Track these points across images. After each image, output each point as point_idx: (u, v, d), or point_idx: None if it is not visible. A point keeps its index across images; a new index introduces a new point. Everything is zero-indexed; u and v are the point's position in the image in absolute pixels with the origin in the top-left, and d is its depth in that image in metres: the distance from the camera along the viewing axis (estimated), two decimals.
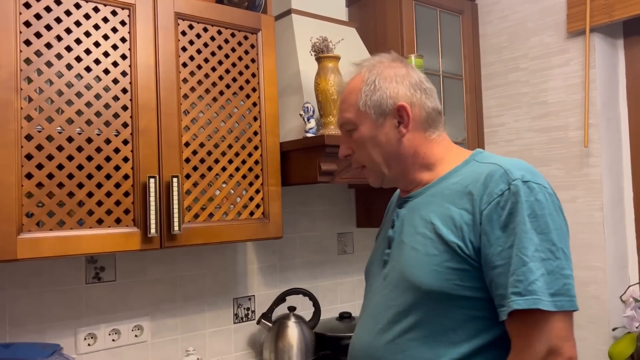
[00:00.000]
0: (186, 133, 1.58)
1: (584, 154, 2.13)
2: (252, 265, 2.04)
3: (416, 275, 1.00)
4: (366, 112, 1.09)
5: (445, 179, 1.08)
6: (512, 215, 0.93)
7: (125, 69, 1.48)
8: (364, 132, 1.10)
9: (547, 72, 2.26)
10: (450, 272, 0.97)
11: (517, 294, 0.89)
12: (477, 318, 0.97)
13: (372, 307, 1.10)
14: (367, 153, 1.11)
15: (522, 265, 0.90)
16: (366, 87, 1.10)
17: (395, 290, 1.04)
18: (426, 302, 0.99)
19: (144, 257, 1.78)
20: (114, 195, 1.44)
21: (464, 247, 0.96)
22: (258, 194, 1.72)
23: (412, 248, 1.03)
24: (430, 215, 1.04)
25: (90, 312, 1.67)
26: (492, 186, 0.96)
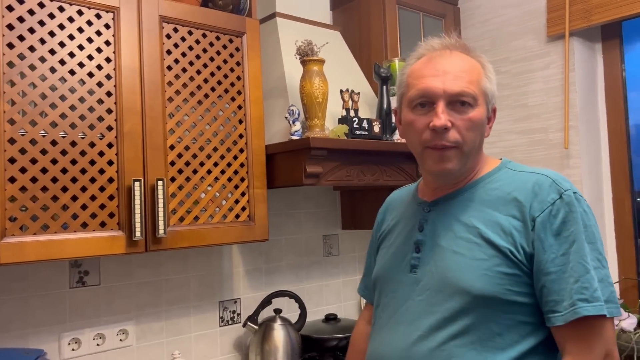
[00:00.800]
0: (171, 136, 1.58)
1: (565, 156, 2.17)
2: (237, 268, 2.04)
3: (465, 279, 0.98)
4: (487, 97, 1.05)
5: (478, 184, 1.07)
6: (565, 223, 0.95)
7: (109, 72, 1.47)
8: (482, 114, 1.04)
9: (528, 75, 2.30)
10: (501, 276, 0.96)
11: (584, 300, 0.91)
12: (522, 323, 0.97)
13: (405, 313, 1.05)
14: (474, 136, 1.03)
15: (586, 272, 0.92)
16: (489, 73, 1.06)
17: (437, 296, 1.01)
18: (476, 307, 0.97)
19: (129, 260, 1.77)
20: (99, 198, 1.43)
21: (516, 252, 0.96)
22: (244, 197, 1.72)
23: (456, 253, 1.01)
24: (471, 220, 1.02)
25: (74, 316, 1.66)
26: (543, 195, 0.97)
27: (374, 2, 2.21)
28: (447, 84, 1.01)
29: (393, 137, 1.97)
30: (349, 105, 1.89)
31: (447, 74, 1.02)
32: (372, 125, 1.90)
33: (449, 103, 1.01)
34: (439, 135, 1.01)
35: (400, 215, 1.20)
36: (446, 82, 1.01)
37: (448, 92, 1.01)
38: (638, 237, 2.16)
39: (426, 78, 1.03)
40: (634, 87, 2.20)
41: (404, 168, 2.00)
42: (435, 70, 1.03)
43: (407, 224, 1.15)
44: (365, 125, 1.88)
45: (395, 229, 1.20)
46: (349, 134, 1.83)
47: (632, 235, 2.16)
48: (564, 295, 0.93)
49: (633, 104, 2.19)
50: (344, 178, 1.84)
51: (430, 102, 1.02)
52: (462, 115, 1.01)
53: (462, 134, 1.01)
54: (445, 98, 1.01)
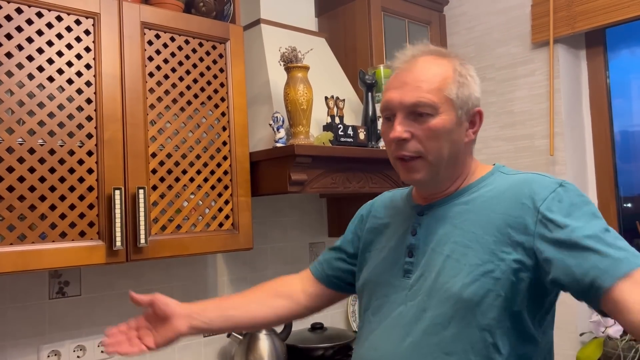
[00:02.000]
0: (153, 144, 1.55)
1: (550, 162, 2.17)
2: (222, 277, 2.01)
3: (458, 285, 0.96)
4: (454, 103, 1.01)
5: (472, 187, 1.05)
6: (573, 206, 0.92)
7: (89, 79, 1.45)
8: (445, 122, 1.00)
9: (513, 82, 2.30)
10: (494, 282, 0.94)
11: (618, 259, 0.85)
12: (516, 330, 0.95)
13: (397, 318, 1.03)
14: (438, 145, 1.00)
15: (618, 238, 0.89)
16: (459, 77, 1.02)
17: (430, 301, 0.99)
18: (468, 313, 0.95)
19: (110, 270, 1.74)
20: (78, 207, 1.40)
21: (514, 252, 0.94)
22: (227, 205, 1.70)
23: (449, 257, 0.99)
24: (466, 224, 1.01)
25: (54, 328, 1.62)
26: (541, 186, 0.96)
27: (359, 8, 2.20)
28: (403, 95, 1.01)
29: (378, 144, 1.96)
30: (334, 112, 1.88)
31: (406, 86, 1.01)
32: (357, 132, 1.89)
33: (409, 114, 1.01)
34: (400, 147, 1.02)
35: (392, 218, 1.18)
36: (403, 93, 1.01)
37: (404, 104, 1.01)
38: None
39: (389, 91, 1.04)
40: (618, 94, 2.21)
41: (390, 175, 1.99)
42: (397, 82, 1.03)
43: (399, 228, 1.13)
44: (351, 132, 1.87)
45: (386, 232, 1.17)
46: (334, 141, 1.82)
47: None
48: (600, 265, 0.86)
49: (617, 111, 2.21)
50: (329, 185, 1.82)
51: (393, 115, 1.03)
52: (421, 125, 1.00)
53: (423, 144, 1.01)
54: (402, 109, 1.01)
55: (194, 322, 1.13)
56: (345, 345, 2.02)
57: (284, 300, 1.25)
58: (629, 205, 2.19)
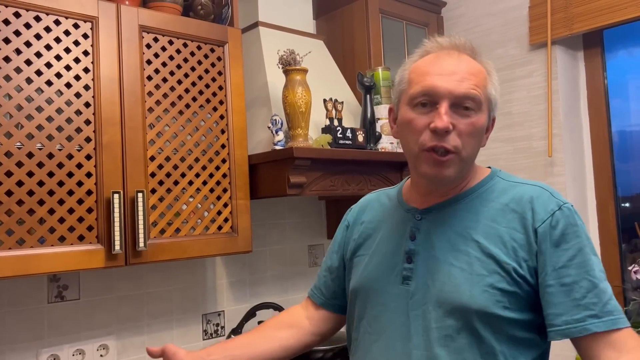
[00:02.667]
0: (151, 147, 1.55)
1: (549, 164, 2.18)
2: (221, 280, 2.01)
3: (465, 296, 0.94)
4: (490, 103, 1.00)
5: (472, 193, 1.03)
6: (565, 236, 0.93)
7: (88, 83, 1.45)
8: (484, 121, 0.99)
9: (511, 84, 2.31)
10: (500, 293, 0.93)
11: (594, 316, 0.89)
12: (521, 339, 0.95)
13: (400, 329, 1.00)
14: (474, 143, 0.98)
15: (594, 287, 0.90)
16: (494, 80, 1.01)
17: (436, 311, 0.96)
18: (477, 324, 0.93)
19: (109, 274, 1.74)
20: (77, 211, 1.40)
21: (519, 268, 0.94)
22: (226, 208, 1.70)
23: (454, 266, 0.96)
24: (470, 232, 0.98)
25: (53, 332, 1.62)
26: (543, 206, 0.95)
27: (357, 11, 2.21)
28: (453, 84, 0.95)
29: (377, 146, 1.96)
30: (333, 115, 1.88)
31: (454, 75, 0.96)
32: (356, 135, 1.89)
33: (452, 105, 0.95)
34: (439, 138, 0.95)
35: (383, 220, 1.13)
36: (452, 82, 0.95)
37: (454, 93, 0.95)
38: (622, 243, 2.17)
39: (431, 76, 0.97)
40: (616, 95, 2.22)
41: (389, 177, 1.99)
42: (442, 69, 0.97)
43: (393, 232, 1.08)
44: (349, 135, 1.87)
45: (376, 235, 1.12)
46: (333, 143, 1.82)
47: (616, 241, 2.17)
48: (563, 309, 0.91)
49: (615, 111, 2.21)
50: (328, 188, 1.83)
51: (433, 102, 0.96)
52: (464, 119, 0.96)
53: (462, 139, 0.96)
54: (450, 99, 0.95)
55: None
56: (344, 348, 2.02)
57: (289, 330, 1.21)
58: (627, 205, 2.20)
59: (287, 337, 1.19)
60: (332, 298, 1.22)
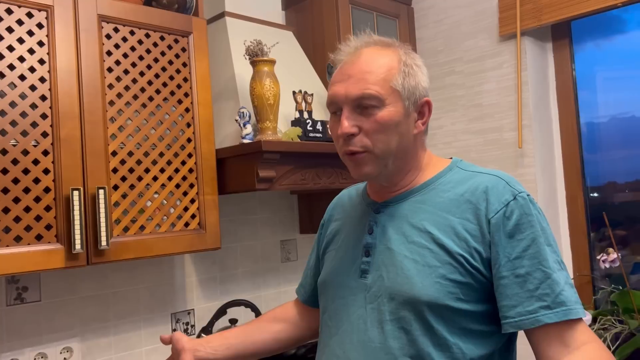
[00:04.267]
0: (113, 142, 1.49)
1: (519, 155, 2.18)
2: (190, 278, 1.96)
3: (417, 288, 0.94)
4: (400, 94, 0.98)
5: (430, 184, 1.02)
6: (519, 226, 0.92)
7: (43, 75, 1.38)
8: (393, 115, 0.97)
9: (481, 75, 2.31)
10: (453, 284, 0.93)
11: (546, 307, 0.89)
12: (475, 331, 0.94)
13: (356, 322, 1.00)
14: (386, 138, 0.97)
15: (547, 278, 0.90)
16: (404, 67, 0.99)
17: (389, 304, 0.96)
18: (428, 316, 0.93)
19: (72, 274, 1.67)
20: (34, 210, 1.34)
21: (470, 259, 0.93)
22: (193, 204, 1.65)
23: (407, 258, 0.96)
24: (423, 223, 0.98)
25: (12, 336, 1.55)
26: (497, 196, 0.94)
27: (326, 1, 2.17)
28: (349, 88, 0.97)
29: None
30: (303, 107, 1.85)
31: (350, 78, 0.98)
32: (326, 127, 1.86)
33: (355, 107, 0.97)
34: (347, 142, 0.98)
35: (348, 216, 1.15)
36: (348, 86, 0.97)
37: (349, 97, 0.97)
38: (591, 232, 2.20)
39: (334, 84, 1.01)
40: (584, 86, 2.23)
41: None
42: (341, 76, 1.00)
43: (356, 226, 1.09)
44: (320, 128, 1.84)
45: (343, 230, 1.13)
46: (303, 136, 1.78)
47: (585, 231, 2.19)
48: (516, 301, 0.91)
49: (583, 103, 2.23)
50: (299, 182, 1.79)
51: (339, 109, 0.99)
52: (369, 118, 0.97)
53: (370, 137, 0.97)
54: (348, 103, 0.98)
55: (198, 354, 1.15)
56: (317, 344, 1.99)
57: (282, 324, 1.25)
58: (595, 195, 2.22)
59: (279, 331, 1.24)
60: (313, 295, 1.23)
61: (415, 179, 1.04)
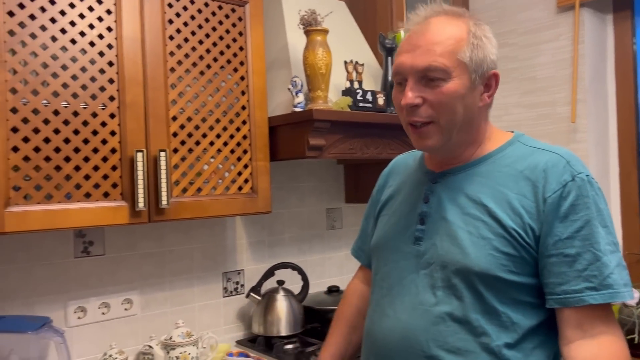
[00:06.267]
0: (173, 107, 1.57)
1: (571, 130, 2.14)
2: (241, 240, 2.05)
3: (470, 258, 0.96)
4: (468, 66, 0.97)
5: (490, 157, 1.03)
6: (575, 207, 0.93)
7: (111, 42, 1.46)
8: (458, 87, 0.97)
9: (536, 48, 2.26)
10: (506, 257, 0.95)
11: (593, 288, 0.91)
12: (525, 303, 0.97)
13: (408, 286, 1.04)
14: (452, 110, 0.98)
15: (596, 260, 0.91)
16: (474, 39, 0.98)
17: (442, 272, 0.99)
18: (479, 286, 0.96)
19: (133, 231, 1.79)
20: (102, 169, 1.43)
21: (524, 235, 0.95)
22: (246, 169, 1.72)
23: (461, 229, 0.99)
24: (480, 196, 0.99)
25: (79, 286, 1.68)
26: (556, 176, 0.95)
27: None
28: (415, 59, 0.97)
29: None
30: (353, 77, 1.87)
31: (418, 49, 0.98)
32: (376, 98, 1.88)
33: (421, 78, 0.98)
34: (411, 112, 0.99)
35: (404, 182, 1.17)
36: (415, 57, 0.98)
37: (415, 68, 0.98)
38: None
39: (400, 55, 1.01)
40: None
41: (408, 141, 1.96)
42: (408, 46, 1.00)
43: (411, 193, 1.12)
44: (370, 98, 1.87)
45: (398, 196, 1.16)
46: (353, 106, 1.81)
47: (637, 209, 2.15)
48: (563, 279, 0.93)
49: None
50: (347, 151, 1.83)
51: (405, 79, 1.00)
52: (434, 89, 0.97)
53: (435, 109, 0.98)
54: (414, 74, 0.98)
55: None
56: None
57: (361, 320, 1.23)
58: None
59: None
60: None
61: (476, 152, 1.05)
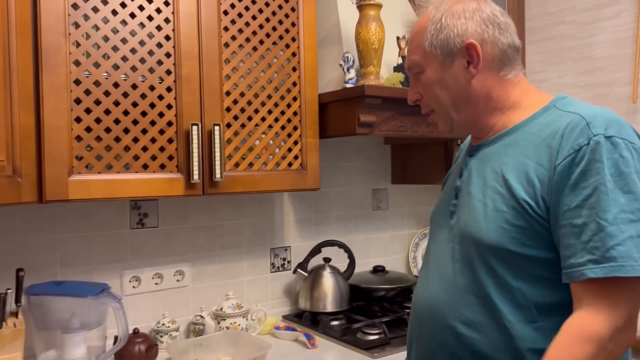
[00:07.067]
0: (227, 82, 1.59)
1: (632, 110, 2.06)
2: (288, 217, 2.07)
3: (482, 230, 0.95)
4: (432, 52, 1.03)
5: (521, 127, 1.00)
6: (585, 173, 0.86)
7: (168, 16, 1.48)
8: (431, 74, 1.04)
9: (595, 25, 2.17)
10: (517, 230, 0.92)
11: (594, 261, 0.84)
12: (541, 278, 0.92)
13: (439, 258, 1.06)
14: (435, 96, 1.05)
15: (600, 230, 0.83)
16: (432, 25, 1.02)
17: (461, 244, 1.00)
18: (492, 259, 0.94)
19: (186, 204, 1.83)
20: (159, 141, 1.47)
21: (535, 206, 0.91)
22: (296, 145, 1.73)
23: (480, 201, 0.98)
24: (502, 167, 0.97)
25: (134, 256, 1.74)
26: (571, 140, 0.88)
27: None
28: (406, 61, 1.11)
29: None
30: (405, 53, 1.85)
31: (407, 49, 1.12)
32: None
33: (413, 76, 1.10)
34: (420, 106, 1.13)
35: (459, 158, 1.21)
36: (406, 59, 1.12)
37: (407, 69, 1.12)
38: None
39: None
40: None
41: None
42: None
43: (457, 170, 1.14)
44: None
45: (451, 174, 1.21)
46: (405, 82, 1.79)
47: None
48: (571, 252, 0.87)
49: None
50: (398, 129, 1.81)
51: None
52: (420, 83, 1.08)
53: (428, 99, 1.08)
54: (409, 74, 1.12)
55: None
56: (405, 288, 2.05)
57: None
58: None
59: None
60: None
61: (504, 121, 1.03)
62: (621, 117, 0.92)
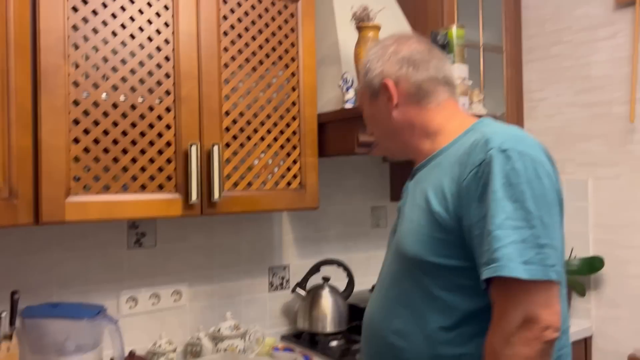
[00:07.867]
0: (226, 102, 1.59)
1: (629, 130, 2.07)
2: (287, 235, 2.06)
3: (406, 244, 1.04)
4: (364, 92, 1.19)
5: (446, 150, 1.08)
6: (485, 185, 0.93)
7: (168, 37, 1.49)
8: (366, 110, 1.21)
9: (592, 45, 2.19)
10: (436, 241, 0.99)
11: (484, 263, 0.91)
12: (463, 286, 0.98)
13: (383, 275, 1.16)
14: (373, 130, 1.22)
15: (488, 234, 0.90)
16: (363, 68, 1.19)
17: (393, 258, 1.11)
18: (414, 271, 1.03)
19: (184, 224, 1.82)
20: (157, 161, 1.46)
21: (447, 218, 0.98)
22: (295, 165, 1.73)
23: (409, 219, 1.07)
24: (426, 186, 1.05)
25: (131, 276, 1.72)
26: (474, 156, 0.97)
27: None
28: None
29: None
30: None
31: None
32: None
33: None
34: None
35: None
36: None
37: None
38: None
39: None
40: None
41: None
42: None
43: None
44: None
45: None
46: None
47: None
48: (479, 260, 0.93)
49: None
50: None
51: None
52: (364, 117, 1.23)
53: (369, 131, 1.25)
54: None
55: None
56: None
57: None
58: None
59: None
60: None
61: (432, 146, 1.12)
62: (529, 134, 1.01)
